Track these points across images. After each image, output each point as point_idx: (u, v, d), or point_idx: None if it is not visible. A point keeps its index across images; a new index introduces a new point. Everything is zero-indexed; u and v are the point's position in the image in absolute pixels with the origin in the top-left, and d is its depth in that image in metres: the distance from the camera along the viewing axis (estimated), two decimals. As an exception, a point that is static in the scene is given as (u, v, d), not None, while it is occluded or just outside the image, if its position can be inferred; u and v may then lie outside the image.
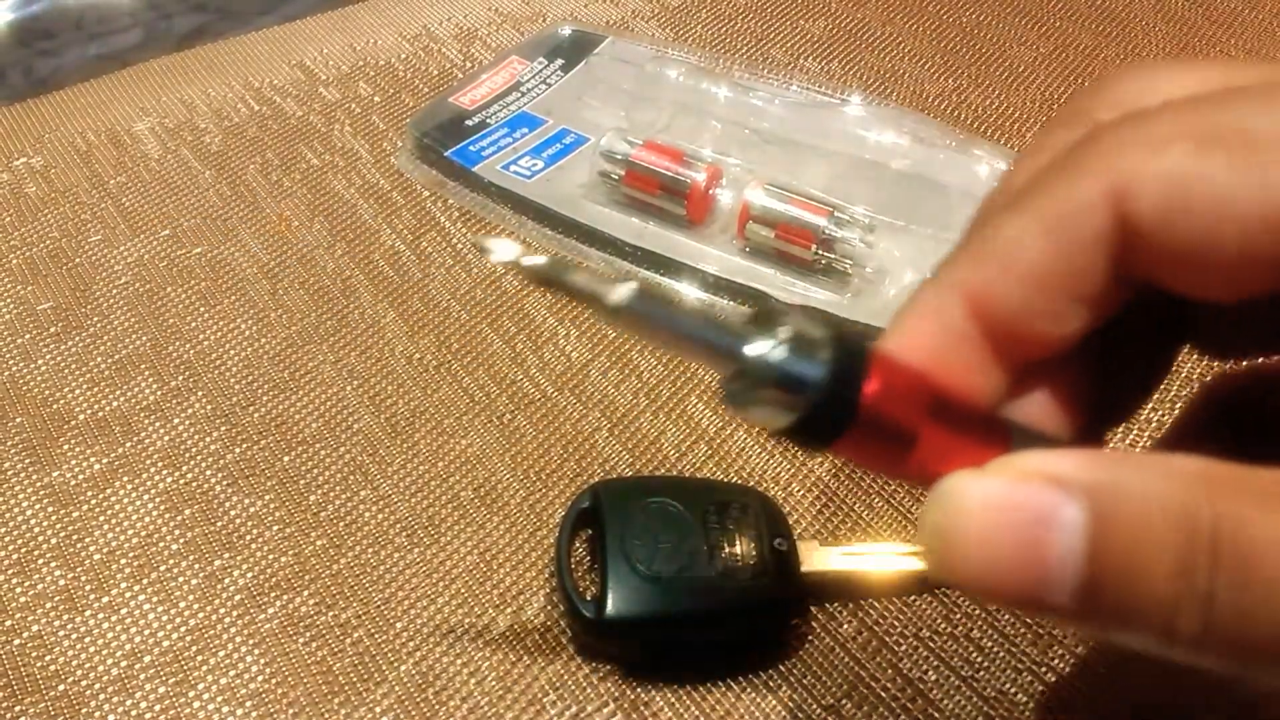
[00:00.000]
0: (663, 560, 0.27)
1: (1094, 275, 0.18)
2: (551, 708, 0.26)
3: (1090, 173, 0.18)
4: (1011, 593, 0.17)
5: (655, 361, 0.35)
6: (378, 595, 0.29)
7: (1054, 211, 0.18)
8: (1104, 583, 0.16)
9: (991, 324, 0.19)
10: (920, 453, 0.18)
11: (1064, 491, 0.17)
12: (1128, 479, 0.17)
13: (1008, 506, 0.17)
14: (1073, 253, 0.18)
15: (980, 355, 0.19)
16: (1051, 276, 0.18)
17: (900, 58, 0.48)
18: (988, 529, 0.17)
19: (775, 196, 0.36)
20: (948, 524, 0.17)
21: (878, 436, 0.18)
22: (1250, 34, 0.48)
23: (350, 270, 0.38)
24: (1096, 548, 0.16)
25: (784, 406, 0.18)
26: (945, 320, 0.19)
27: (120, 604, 0.29)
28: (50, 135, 0.44)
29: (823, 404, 0.18)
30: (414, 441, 0.33)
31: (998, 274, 0.19)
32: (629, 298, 0.17)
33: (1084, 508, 0.16)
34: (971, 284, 0.19)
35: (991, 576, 0.17)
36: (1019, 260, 0.18)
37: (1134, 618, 0.16)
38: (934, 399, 0.19)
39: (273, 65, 0.48)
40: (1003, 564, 0.17)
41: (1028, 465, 0.17)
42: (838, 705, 0.26)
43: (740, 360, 0.18)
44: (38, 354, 0.35)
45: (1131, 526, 0.16)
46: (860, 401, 0.18)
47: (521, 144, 0.42)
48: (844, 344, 0.18)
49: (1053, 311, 0.18)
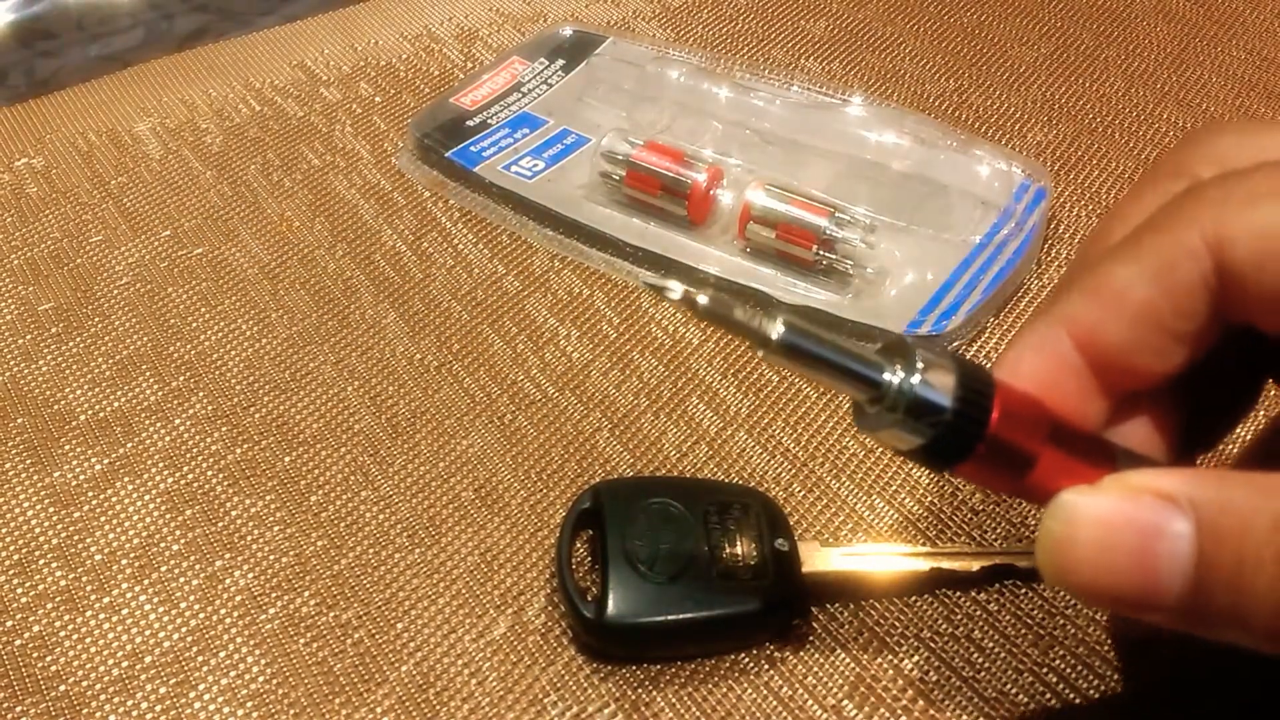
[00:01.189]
0: (664, 561, 0.27)
1: (1195, 317, 0.20)
2: (552, 708, 0.26)
3: (1192, 224, 0.20)
4: (1123, 598, 0.19)
5: (656, 362, 0.35)
6: (379, 596, 0.29)
7: (1159, 259, 0.20)
8: (1210, 591, 0.19)
9: (1098, 358, 0.21)
10: (1036, 473, 0.20)
11: (1172, 506, 0.19)
12: (1231, 495, 0.19)
13: (1121, 520, 0.19)
14: (1176, 297, 0.20)
15: (1087, 385, 0.21)
16: (1157, 317, 0.20)
17: (901, 58, 0.48)
18: (1102, 541, 0.19)
19: (776, 197, 0.36)
20: (1065, 535, 0.20)
21: (999, 459, 0.20)
22: (1251, 34, 0.48)
23: (351, 271, 0.38)
24: (1203, 558, 0.19)
25: (915, 430, 0.20)
26: (1056, 352, 0.21)
27: (121, 604, 0.29)
28: (51, 136, 0.44)
29: (953, 429, 0.20)
30: (415, 442, 0.33)
31: (1108, 314, 0.21)
32: (786, 332, 0.19)
33: (1191, 521, 0.19)
34: (1082, 321, 0.21)
35: (1104, 583, 0.20)
36: (1128, 302, 0.21)
37: (1238, 622, 0.19)
38: (1051, 424, 0.21)
39: (274, 66, 0.48)
40: (1116, 573, 0.19)
41: (1138, 482, 0.20)
42: (839, 705, 0.26)
43: (879, 388, 0.20)
44: (39, 354, 0.35)
45: (1236, 539, 0.18)
46: (987, 428, 0.20)
47: (522, 144, 0.42)
48: (972, 375, 0.20)
49: (1156, 348, 0.21)
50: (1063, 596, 0.28)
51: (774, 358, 0.19)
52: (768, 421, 0.33)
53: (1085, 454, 0.21)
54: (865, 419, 0.21)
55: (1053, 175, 0.41)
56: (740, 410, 0.33)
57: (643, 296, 0.37)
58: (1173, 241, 0.20)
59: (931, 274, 0.36)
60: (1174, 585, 0.19)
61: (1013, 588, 0.28)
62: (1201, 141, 0.23)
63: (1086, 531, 0.20)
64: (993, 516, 0.30)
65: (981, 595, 0.28)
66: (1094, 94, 0.45)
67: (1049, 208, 0.38)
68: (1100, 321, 0.21)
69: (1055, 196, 0.40)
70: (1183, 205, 0.21)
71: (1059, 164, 0.42)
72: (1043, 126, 0.44)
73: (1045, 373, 0.21)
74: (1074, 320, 0.21)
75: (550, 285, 0.38)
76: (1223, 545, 0.19)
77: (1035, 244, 0.37)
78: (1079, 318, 0.21)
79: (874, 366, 0.20)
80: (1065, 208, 0.40)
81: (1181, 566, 0.19)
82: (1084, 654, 0.27)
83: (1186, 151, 0.23)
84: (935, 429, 0.20)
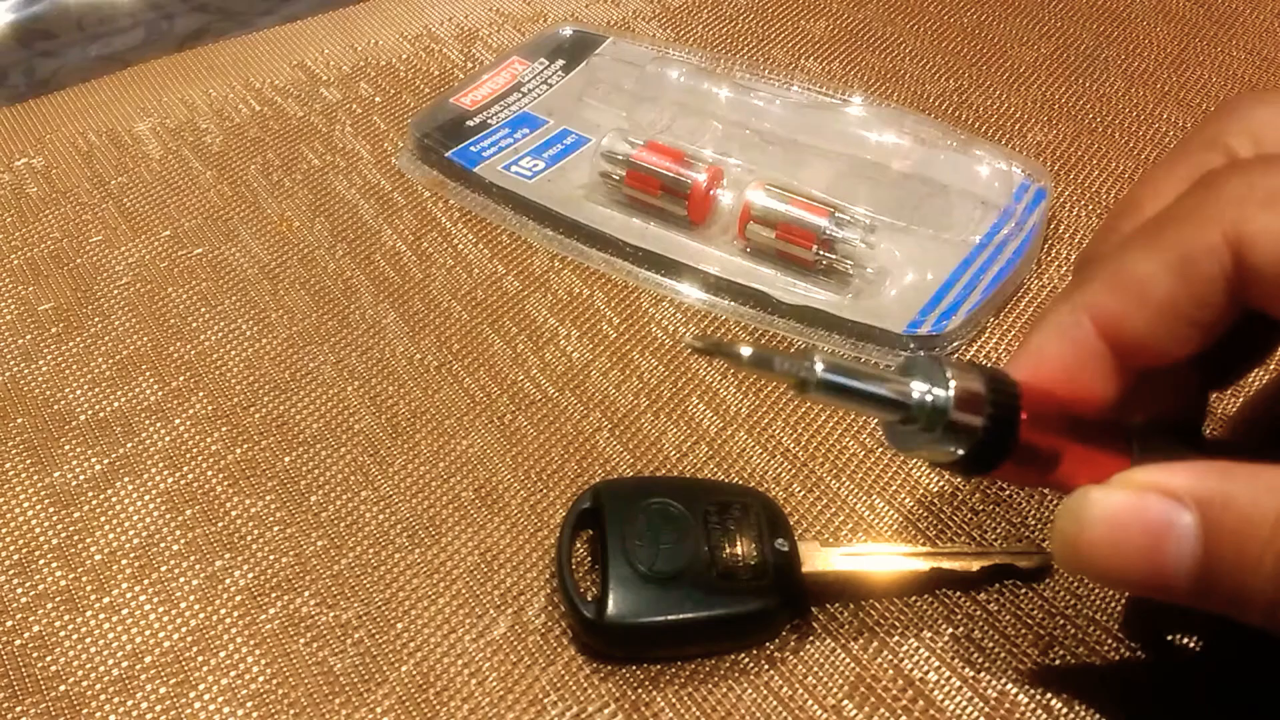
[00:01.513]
0: (664, 561, 0.27)
1: (1213, 307, 0.21)
2: (553, 708, 0.26)
3: (1213, 221, 0.21)
4: (1135, 586, 0.22)
5: (656, 362, 0.35)
6: (379, 596, 0.29)
7: (1180, 253, 0.21)
8: (1216, 578, 0.20)
9: (1120, 343, 0.22)
10: (1062, 467, 0.22)
11: (1178, 503, 0.21)
12: (1232, 491, 0.20)
13: (1129, 518, 0.21)
14: (1196, 289, 0.21)
15: (1108, 367, 0.23)
16: (1176, 308, 0.22)
17: (901, 58, 0.48)
18: (1113, 539, 0.21)
19: (776, 197, 0.36)
20: (1077, 535, 0.21)
21: (1028, 459, 0.22)
22: (1251, 34, 0.48)
23: (351, 271, 0.38)
24: (1208, 550, 0.20)
25: (952, 445, 0.21)
26: (1079, 338, 0.23)
27: (121, 604, 0.29)
28: (51, 136, 0.44)
29: (987, 440, 0.21)
30: (415, 442, 0.33)
31: (1130, 304, 0.22)
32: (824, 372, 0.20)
33: (1196, 517, 0.20)
34: (1105, 309, 0.22)
35: (1116, 576, 0.22)
36: (1149, 294, 0.22)
37: (1240, 605, 0.21)
38: (1071, 420, 0.23)
39: (274, 66, 0.48)
40: (1127, 568, 0.21)
41: (1145, 480, 0.21)
42: (839, 706, 0.26)
43: (912, 409, 0.21)
44: (39, 354, 0.35)
45: (1237, 534, 0.20)
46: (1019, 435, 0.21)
47: (522, 144, 0.42)
48: (1000, 387, 0.21)
49: (1175, 335, 0.22)
50: (1063, 596, 0.28)
51: (815, 396, 0.21)
52: (768, 421, 0.33)
53: (1103, 442, 0.23)
54: (899, 438, 0.22)
55: (1053, 175, 0.41)
56: (740, 410, 0.33)
57: (643, 296, 0.37)
58: (1193, 236, 0.21)
59: (931, 274, 0.36)
60: (1181, 574, 0.21)
61: (1013, 588, 0.28)
62: (1237, 113, 0.24)
63: (1098, 531, 0.21)
64: (993, 516, 0.30)
65: (981, 595, 0.28)
66: (1094, 94, 0.45)
67: (1049, 208, 0.38)
68: (1122, 310, 0.22)
69: (1055, 196, 0.40)
70: (1205, 200, 0.22)
71: (1059, 164, 0.42)
72: (1043, 126, 0.44)
73: (1070, 357, 0.23)
74: (1097, 308, 0.22)
75: (550, 285, 0.38)
76: (1225, 541, 0.20)
77: (1035, 244, 0.37)
78: (1101, 306, 0.22)
79: (907, 392, 0.21)
80: (1065, 208, 0.40)
81: (1188, 558, 0.20)
82: (1084, 654, 0.27)
83: (1222, 122, 0.24)
84: (970, 442, 0.21)
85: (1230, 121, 0.24)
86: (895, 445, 0.22)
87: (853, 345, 0.35)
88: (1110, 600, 0.28)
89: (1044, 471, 0.22)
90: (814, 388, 0.20)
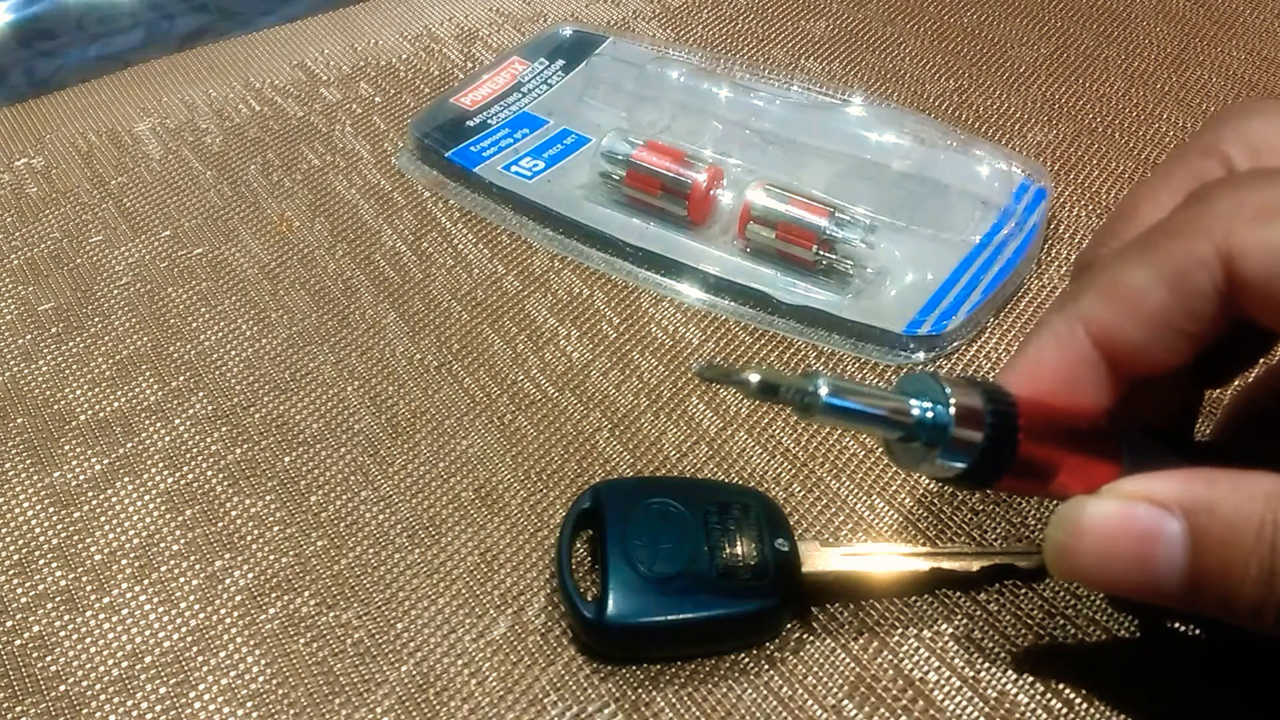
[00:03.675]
0: (664, 561, 0.27)
1: (1205, 319, 0.22)
2: (553, 708, 0.26)
3: (1205, 234, 0.21)
4: (1128, 592, 0.22)
5: (656, 362, 0.35)
6: (378, 596, 0.29)
7: (1173, 267, 0.22)
8: (1204, 584, 0.21)
9: (1113, 352, 0.23)
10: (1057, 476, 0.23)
11: (1166, 511, 0.21)
12: (1216, 499, 0.21)
13: (1119, 529, 0.22)
14: (1188, 301, 0.22)
15: (1102, 375, 0.23)
16: (1169, 319, 0.22)
17: (901, 58, 0.48)
18: (1103, 549, 0.22)
19: (776, 197, 0.36)
20: (1070, 543, 0.22)
21: (1027, 470, 0.22)
22: (1251, 34, 0.48)
23: (351, 271, 0.38)
24: (1195, 557, 0.21)
25: (952, 460, 0.22)
26: (1074, 348, 0.23)
27: (121, 604, 0.29)
28: (51, 136, 0.44)
29: (988, 455, 0.22)
30: (415, 442, 0.33)
31: (1123, 315, 0.22)
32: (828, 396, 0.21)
33: (1183, 525, 0.21)
34: (1099, 320, 0.23)
35: (1108, 584, 0.23)
36: (1142, 306, 0.22)
37: (1229, 608, 0.21)
38: (1066, 430, 0.23)
39: (274, 66, 0.48)
40: (1118, 575, 0.22)
41: (1134, 490, 0.22)
42: (839, 705, 0.26)
43: (914, 428, 0.22)
44: (39, 354, 0.35)
45: (1223, 541, 0.21)
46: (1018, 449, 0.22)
47: (522, 145, 0.42)
48: (998, 402, 0.22)
49: (1168, 345, 0.22)
50: (1063, 597, 0.28)
51: (819, 419, 0.21)
52: (768, 421, 0.33)
53: (1097, 450, 0.23)
54: (901, 456, 0.23)
55: (1053, 175, 0.41)
56: (740, 410, 0.33)
57: (643, 296, 0.37)
58: (1185, 250, 0.22)
59: (931, 274, 0.36)
60: (1171, 580, 0.21)
61: (1013, 588, 0.28)
62: (1233, 122, 0.24)
63: (1089, 541, 0.22)
64: (993, 516, 0.30)
65: (981, 595, 0.28)
66: (1094, 94, 0.45)
67: (1049, 208, 0.38)
68: (1116, 322, 0.23)
69: (1055, 196, 0.40)
70: (1197, 214, 0.22)
71: (1059, 164, 0.42)
72: (1043, 126, 0.44)
73: (1065, 366, 0.23)
74: (1091, 319, 0.23)
75: (550, 285, 0.38)
76: (1211, 547, 0.21)
77: (1035, 244, 0.37)
78: (1095, 317, 0.23)
79: (907, 411, 0.22)
80: (1065, 208, 0.40)
81: (1178, 564, 0.21)
82: (1084, 654, 0.27)
83: (1218, 131, 0.25)
84: (971, 457, 0.22)
85: (1226, 130, 0.24)
86: (898, 463, 0.23)
87: (853, 345, 0.35)
88: (1110, 601, 0.28)
89: (1041, 481, 0.23)
90: (819, 411, 0.21)
